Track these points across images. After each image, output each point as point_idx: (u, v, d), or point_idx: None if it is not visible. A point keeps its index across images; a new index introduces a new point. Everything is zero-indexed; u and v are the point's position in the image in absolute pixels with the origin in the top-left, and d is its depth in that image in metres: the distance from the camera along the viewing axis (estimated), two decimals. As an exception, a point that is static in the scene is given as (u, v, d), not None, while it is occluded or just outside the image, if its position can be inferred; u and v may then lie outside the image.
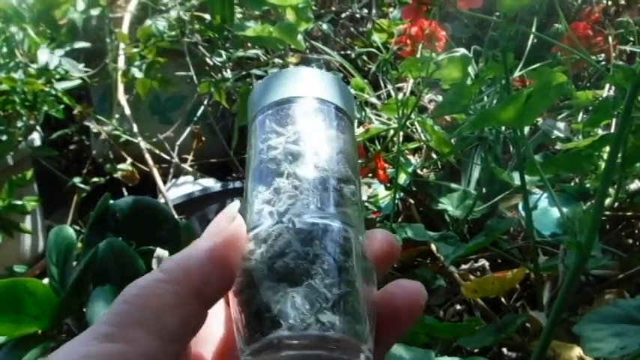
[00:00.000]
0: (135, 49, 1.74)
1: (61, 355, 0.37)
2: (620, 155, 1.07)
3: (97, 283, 1.02)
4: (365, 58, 1.92)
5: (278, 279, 0.40)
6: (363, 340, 0.40)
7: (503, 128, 1.28)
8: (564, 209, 1.20)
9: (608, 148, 1.24)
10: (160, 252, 1.04)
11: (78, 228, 1.69)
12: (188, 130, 1.95)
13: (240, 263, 0.41)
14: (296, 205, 0.43)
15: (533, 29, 1.32)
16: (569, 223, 0.82)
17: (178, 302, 0.39)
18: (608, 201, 1.31)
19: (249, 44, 1.77)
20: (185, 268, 0.40)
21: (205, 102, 2.00)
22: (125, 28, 1.83)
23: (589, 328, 0.68)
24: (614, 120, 1.32)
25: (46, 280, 1.11)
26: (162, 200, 1.56)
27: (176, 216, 1.39)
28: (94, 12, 1.74)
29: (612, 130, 1.32)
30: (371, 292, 0.42)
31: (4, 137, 1.61)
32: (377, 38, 1.53)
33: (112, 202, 1.13)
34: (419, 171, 1.59)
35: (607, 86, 1.43)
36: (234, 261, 0.41)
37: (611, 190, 1.29)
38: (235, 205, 0.44)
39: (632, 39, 1.55)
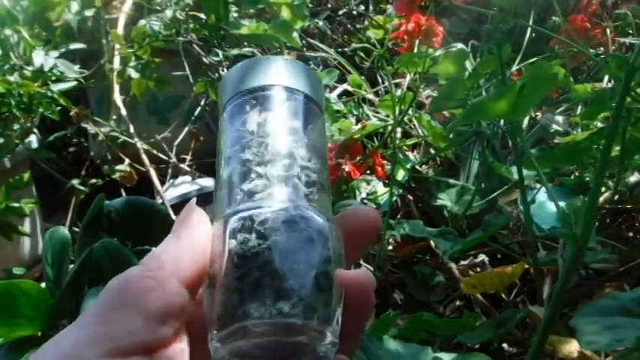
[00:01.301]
0: (130, 50, 1.73)
1: (53, 346, 0.39)
2: (619, 148, 1.06)
3: (92, 283, 1.01)
4: (362, 55, 1.91)
5: (245, 270, 0.41)
6: (328, 323, 0.41)
7: (502, 122, 1.27)
8: (563, 203, 1.19)
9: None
10: (156, 252, 1.03)
11: (77, 230, 1.69)
12: (186, 130, 1.94)
13: (208, 245, 0.43)
14: (265, 197, 0.43)
15: (531, 22, 1.31)
16: (565, 216, 0.81)
17: (156, 285, 0.40)
18: (607, 194, 1.31)
19: (245, 43, 1.76)
20: (158, 255, 0.42)
21: (203, 101, 1.99)
22: (120, 29, 1.82)
23: (585, 322, 0.68)
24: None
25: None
26: (159, 200, 1.55)
27: (173, 216, 1.38)
28: (89, 13, 1.73)
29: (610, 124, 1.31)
30: (334, 276, 0.43)
31: (1, 140, 1.61)
32: (372, 34, 1.53)
33: (106, 202, 1.13)
34: (418, 167, 1.58)
35: (605, 79, 1.42)
36: (201, 241, 0.43)
37: (611, 183, 1.28)
38: (194, 200, 0.46)
39: (630, 31, 1.54)
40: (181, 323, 0.42)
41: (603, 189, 1.33)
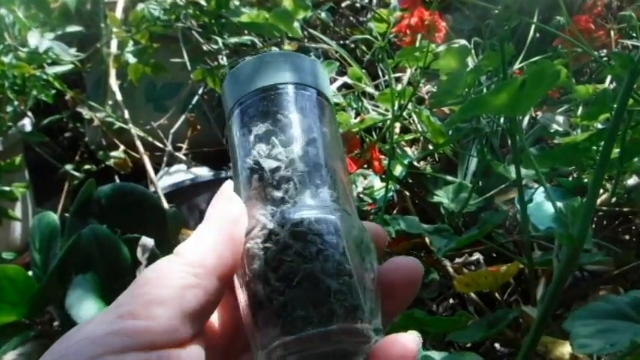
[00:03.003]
0: (127, 34, 1.71)
1: (83, 334, 0.38)
2: (618, 151, 1.05)
3: (79, 270, 1.00)
4: (364, 48, 1.90)
5: (280, 277, 0.40)
6: (367, 321, 0.41)
7: (501, 120, 1.26)
8: (560, 204, 1.18)
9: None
10: (145, 240, 1.03)
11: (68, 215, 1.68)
12: (183, 118, 1.92)
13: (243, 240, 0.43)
14: (287, 201, 0.43)
15: (535, 20, 1.30)
16: (562, 216, 0.80)
17: (197, 282, 0.40)
18: (605, 196, 1.30)
19: (245, 31, 1.74)
20: (198, 249, 0.42)
21: (201, 90, 1.98)
22: (119, 12, 1.80)
23: (578, 324, 0.67)
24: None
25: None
26: (152, 189, 1.54)
27: (166, 204, 1.37)
28: (87, -5, 1.72)
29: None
30: (372, 272, 0.43)
31: (-7, 122, 1.60)
32: (373, 26, 1.51)
33: (97, 188, 1.11)
34: (415, 163, 1.57)
35: (607, 81, 1.41)
36: (240, 237, 0.43)
37: (609, 186, 1.27)
38: (229, 184, 0.46)
39: (634, 34, 1.53)
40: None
41: (601, 191, 1.32)
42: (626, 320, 0.66)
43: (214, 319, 0.45)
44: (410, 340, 0.41)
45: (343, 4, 2.15)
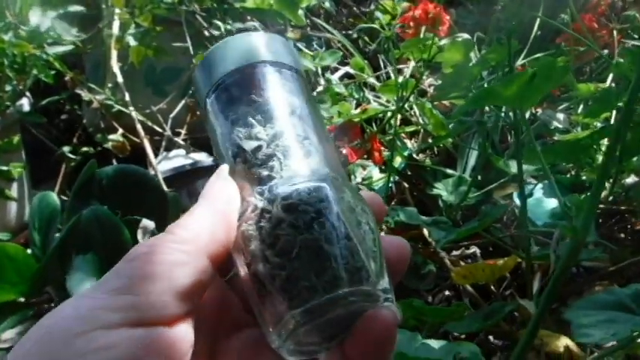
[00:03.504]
0: (130, 16, 1.71)
1: (72, 308, 0.38)
2: (617, 149, 1.06)
3: (79, 251, 1.00)
4: (366, 39, 1.90)
5: (278, 253, 0.40)
6: (373, 281, 0.40)
7: (504, 115, 1.27)
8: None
9: (606, 141, 1.23)
10: (146, 222, 1.03)
11: (66, 198, 1.68)
12: (182, 103, 1.92)
13: (236, 220, 0.43)
14: (273, 177, 0.43)
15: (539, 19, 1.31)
16: (566, 209, 0.81)
17: (189, 260, 0.40)
18: (603, 194, 1.31)
19: (248, 17, 1.74)
20: (191, 228, 0.41)
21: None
22: (121, -7, 1.80)
23: (580, 314, 0.68)
24: (614, 113, 1.31)
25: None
26: (152, 172, 1.54)
27: (165, 188, 1.37)
28: (89, -26, 1.71)
29: (612, 123, 1.31)
30: (372, 232, 0.43)
31: (-9, 101, 1.59)
32: (381, 16, 1.52)
33: (98, 169, 1.11)
34: (415, 155, 1.57)
35: (609, 81, 1.41)
36: (234, 217, 0.43)
37: (607, 184, 1.28)
38: (225, 167, 0.45)
39: (636, 35, 1.54)
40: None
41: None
42: (627, 312, 0.67)
43: (203, 299, 0.43)
44: (389, 314, 0.40)
45: (347, -6, 2.16)
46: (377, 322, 0.40)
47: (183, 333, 0.39)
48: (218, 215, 0.42)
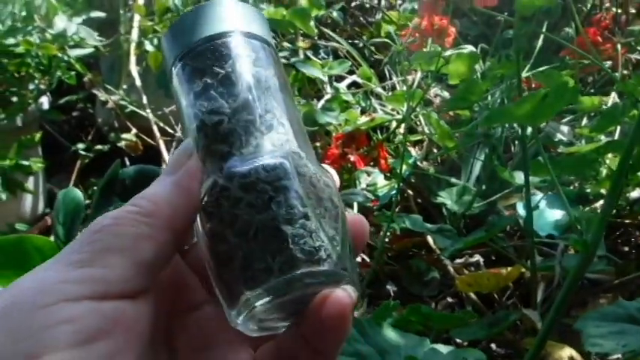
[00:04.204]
0: (150, 23, 1.74)
1: (34, 281, 0.37)
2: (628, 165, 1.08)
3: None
4: (372, 48, 1.93)
5: (237, 233, 0.40)
6: (333, 261, 0.40)
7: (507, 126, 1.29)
8: (563, 212, 1.22)
9: (611, 155, 1.25)
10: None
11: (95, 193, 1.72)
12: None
13: (199, 195, 0.42)
14: (233, 153, 0.42)
15: (545, 30, 1.33)
16: (575, 223, 0.83)
17: (152, 232, 0.39)
18: (607, 207, 1.33)
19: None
20: (155, 201, 0.41)
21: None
22: (140, 1, 1.83)
23: (590, 325, 0.70)
24: (618, 127, 1.34)
25: (47, 240, 1.12)
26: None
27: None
28: (112, -18, 1.75)
29: (616, 137, 1.33)
30: (334, 209, 0.42)
31: (15, 99, 1.62)
32: (391, 29, 1.54)
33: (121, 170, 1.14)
34: (419, 163, 1.59)
35: (613, 94, 1.44)
36: (196, 192, 0.42)
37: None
38: (189, 142, 0.44)
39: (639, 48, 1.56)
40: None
41: (602, 202, 1.36)
42: (636, 324, 0.69)
43: (162, 275, 0.43)
44: (343, 295, 0.40)
45: (352, 4, 2.18)
46: (329, 302, 0.39)
47: (146, 307, 0.39)
48: (182, 190, 0.41)
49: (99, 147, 1.91)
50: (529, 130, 1.49)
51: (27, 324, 0.35)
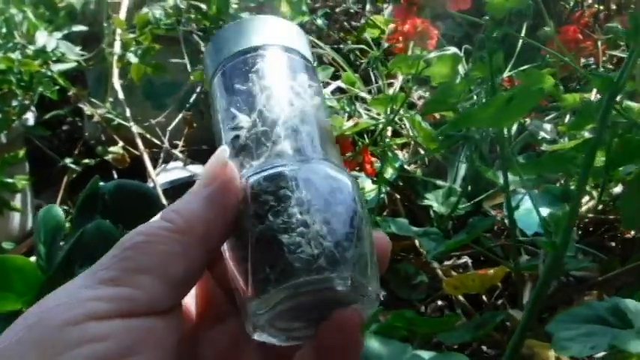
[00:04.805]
0: (131, 35, 1.75)
1: (65, 297, 0.37)
2: (604, 159, 1.09)
3: (83, 263, 1.03)
4: (357, 53, 1.93)
5: (244, 245, 0.40)
6: (337, 268, 0.39)
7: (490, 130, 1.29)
8: (548, 210, 1.22)
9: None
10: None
11: (67, 208, 1.72)
12: (180, 116, 1.95)
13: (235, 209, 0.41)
14: (245, 166, 0.43)
15: (524, 30, 1.33)
16: (546, 224, 0.84)
17: (184, 250, 0.39)
18: (592, 203, 1.33)
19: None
20: (187, 216, 0.40)
21: (198, 89, 2.00)
22: (122, 14, 1.83)
23: (561, 328, 0.70)
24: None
25: (33, 259, 1.12)
26: (151, 184, 1.57)
27: (164, 201, 1.40)
28: (93, -3, 1.76)
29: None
30: (350, 212, 0.41)
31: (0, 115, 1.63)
32: (368, 36, 1.55)
33: (100, 184, 1.14)
34: (406, 166, 1.60)
35: (594, 90, 1.44)
36: (232, 206, 0.41)
37: (595, 193, 1.30)
38: (225, 150, 0.43)
39: (622, 44, 1.56)
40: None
41: (587, 198, 1.36)
42: (606, 325, 0.69)
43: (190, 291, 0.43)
44: (354, 316, 0.39)
45: (337, 10, 2.19)
46: (338, 323, 0.39)
47: (174, 323, 0.39)
48: (216, 206, 0.40)
49: (86, 161, 1.91)
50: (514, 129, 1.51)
51: (55, 342, 0.35)
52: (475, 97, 1.39)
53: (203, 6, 1.75)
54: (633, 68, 0.78)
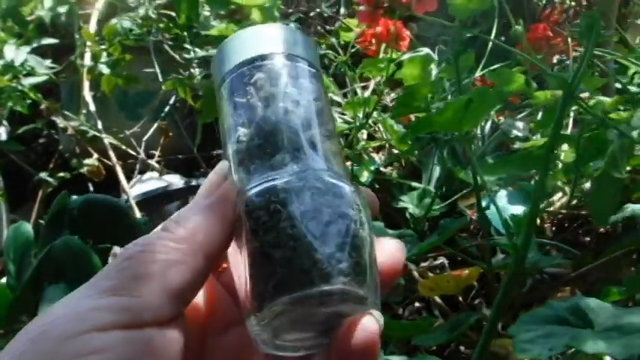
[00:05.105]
0: (101, 47, 1.74)
1: (65, 308, 0.37)
2: (574, 155, 1.09)
3: (52, 280, 1.02)
4: (331, 57, 1.93)
5: (267, 247, 0.39)
6: (331, 281, 0.39)
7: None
8: (523, 207, 1.22)
9: (565, 147, 1.26)
10: (117, 250, 1.05)
11: (42, 222, 1.70)
12: (155, 125, 1.94)
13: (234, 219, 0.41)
14: (279, 167, 0.42)
15: (496, 30, 1.33)
16: (507, 225, 0.84)
17: (184, 259, 0.39)
18: (565, 199, 1.33)
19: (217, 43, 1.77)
20: (187, 225, 0.40)
21: (173, 98, 1.99)
22: (92, 25, 1.83)
23: (521, 329, 0.70)
24: (570, 120, 1.35)
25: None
26: (124, 197, 1.57)
27: (138, 212, 1.40)
28: (62, 9, 1.74)
29: (569, 131, 1.34)
30: (345, 221, 0.40)
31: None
32: (334, 40, 1.54)
33: (69, 199, 1.14)
34: (382, 169, 1.60)
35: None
36: (232, 214, 0.41)
37: (568, 189, 1.31)
38: (225, 164, 0.44)
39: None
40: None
41: (560, 194, 1.36)
42: (565, 325, 0.69)
43: (196, 298, 0.42)
44: (371, 321, 0.39)
45: (311, 14, 2.18)
46: (355, 331, 0.39)
47: (177, 333, 0.38)
48: (215, 214, 0.41)
49: (61, 174, 1.90)
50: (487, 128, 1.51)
51: (57, 354, 0.35)
52: (450, 97, 1.39)
53: (174, 14, 1.75)
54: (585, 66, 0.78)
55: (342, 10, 2.16)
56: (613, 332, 0.64)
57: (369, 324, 0.39)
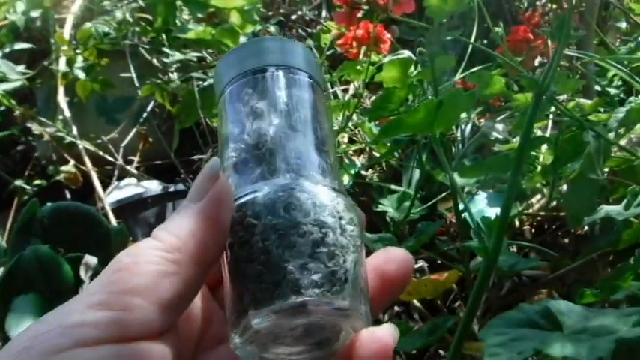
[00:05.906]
0: (76, 51, 1.73)
1: (53, 322, 0.36)
2: (552, 157, 1.09)
3: (21, 291, 1.01)
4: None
5: (245, 260, 0.39)
6: (307, 293, 0.38)
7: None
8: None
9: (544, 148, 1.26)
10: (88, 258, 1.03)
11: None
12: (134, 131, 1.93)
13: (229, 224, 0.40)
14: (262, 179, 0.42)
15: (475, 32, 1.33)
16: (479, 228, 0.83)
17: (176, 269, 0.38)
18: (543, 201, 1.33)
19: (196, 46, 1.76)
20: (178, 233, 0.39)
21: (152, 103, 1.98)
22: (67, 30, 1.81)
23: (492, 333, 0.69)
24: (550, 122, 1.34)
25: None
26: (100, 204, 1.55)
27: (114, 220, 1.38)
28: (35, 14, 1.73)
29: (548, 133, 1.34)
30: (323, 230, 0.40)
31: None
32: (311, 43, 1.54)
33: (40, 208, 1.12)
34: (363, 172, 1.59)
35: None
36: (226, 221, 0.40)
37: (546, 191, 1.30)
38: (216, 162, 0.42)
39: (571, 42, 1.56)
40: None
41: (539, 196, 1.36)
42: (536, 328, 0.68)
43: (191, 308, 0.42)
44: (387, 334, 0.39)
45: (293, 17, 2.18)
46: (369, 342, 0.39)
47: (169, 345, 0.38)
48: (207, 219, 0.39)
49: (38, 182, 1.88)
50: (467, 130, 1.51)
51: None
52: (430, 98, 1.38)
53: (151, 17, 1.74)
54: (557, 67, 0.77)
55: (324, 14, 2.15)
56: (582, 335, 0.64)
57: (384, 335, 0.39)
